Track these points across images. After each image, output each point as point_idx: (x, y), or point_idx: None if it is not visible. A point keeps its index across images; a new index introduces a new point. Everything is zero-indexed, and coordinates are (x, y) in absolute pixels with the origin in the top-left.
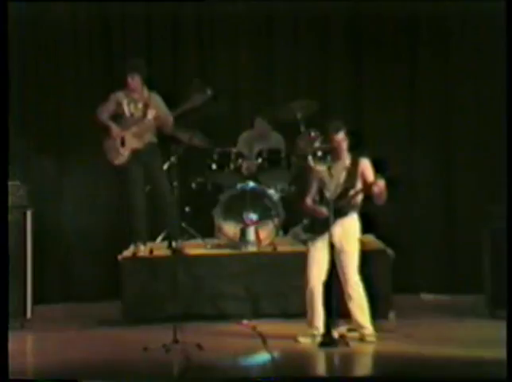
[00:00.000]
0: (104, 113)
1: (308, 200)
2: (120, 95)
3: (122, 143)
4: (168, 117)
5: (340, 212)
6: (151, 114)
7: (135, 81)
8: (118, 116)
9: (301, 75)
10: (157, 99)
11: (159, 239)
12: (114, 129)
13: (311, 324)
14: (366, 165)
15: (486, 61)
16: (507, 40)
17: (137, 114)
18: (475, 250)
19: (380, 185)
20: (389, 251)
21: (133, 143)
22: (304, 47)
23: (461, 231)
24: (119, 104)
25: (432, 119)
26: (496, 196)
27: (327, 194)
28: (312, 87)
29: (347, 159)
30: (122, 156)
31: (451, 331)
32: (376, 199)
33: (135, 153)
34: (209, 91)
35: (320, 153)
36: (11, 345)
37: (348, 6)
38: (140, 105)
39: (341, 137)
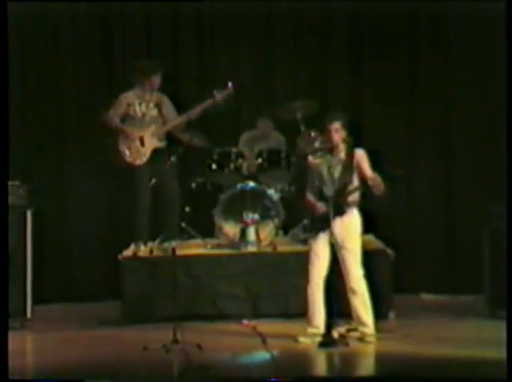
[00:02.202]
0: (115, 116)
1: (309, 195)
2: (130, 96)
3: (142, 144)
4: (179, 117)
5: (339, 209)
6: (166, 113)
7: (158, 81)
8: (127, 117)
9: (301, 75)
10: (166, 99)
11: (159, 239)
12: (130, 131)
13: (311, 322)
14: (361, 156)
15: (487, 60)
16: (507, 40)
17: (150, 114)
18: (475, 250)
19: (375, 178)
20: (389, 251)
21: (153, 143)
22: (304, 47)
23: (461, 231)
24: (129, 105)
25: (432, 119)
26: (496, 196)
27: (325, 190)
28: (312, 87)
29: (342, 152)
30: (144, 156)
31: (451, 331)
32: (374, 190)
33: (156, 152)
34: (230, 87)
35: (319, 153)
36: (11, 345)
37: (348, 6)
38: (151, 105)
39: (336, 127)
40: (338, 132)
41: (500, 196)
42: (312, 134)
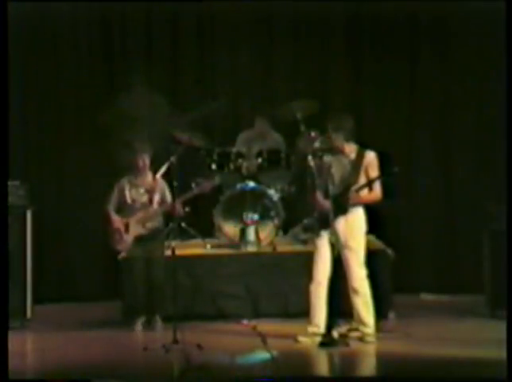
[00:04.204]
0: (111, 204)
1: (319, 195)
2: (124, 182)
3: (126, 230)
4: (174, 203)
5: (342, 208)
6: (156, 200)
7: (145, 161)
8: (120, 202)
9: (301, 75)
10: (162, 184)
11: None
12: (116, 220)
13: (312, 321)
14: (371, 159)
15: (486, 60)
16: (507, 40)
17: (141, 201)
18: (475, 250)
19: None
20: (389, 251)
21: (137, 229)
22: (304, 47)
23: (461, 231)
24: (122, 191)
25: (432, 119)
26: (496, 196)
27: (331, 188)
28: (312, 87)
29: (352, 152)
30: (126, 243)
31: (451, 331)
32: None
33: (138, 239)
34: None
35: (320, 154)
36: (11, 345)
37: (348, 6)
38: (142, 190)
39: (338, 136)
40: (341, 138)
41: (500, 196)
42: (312, 134)
